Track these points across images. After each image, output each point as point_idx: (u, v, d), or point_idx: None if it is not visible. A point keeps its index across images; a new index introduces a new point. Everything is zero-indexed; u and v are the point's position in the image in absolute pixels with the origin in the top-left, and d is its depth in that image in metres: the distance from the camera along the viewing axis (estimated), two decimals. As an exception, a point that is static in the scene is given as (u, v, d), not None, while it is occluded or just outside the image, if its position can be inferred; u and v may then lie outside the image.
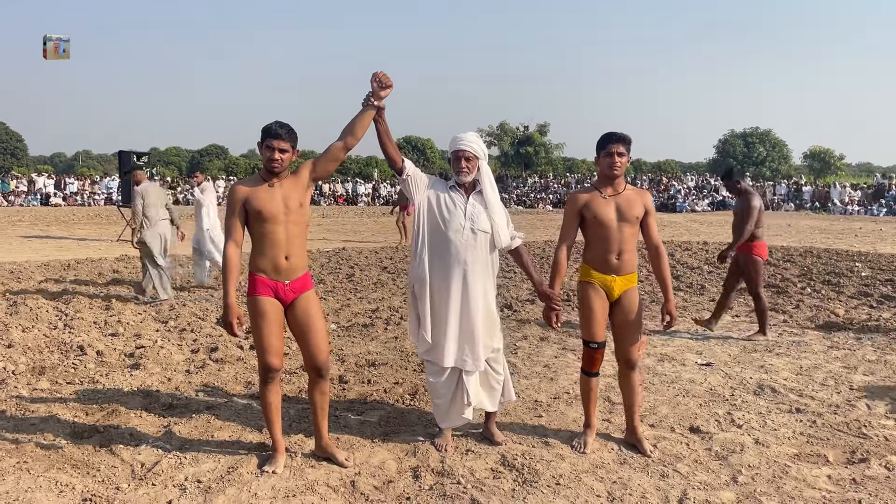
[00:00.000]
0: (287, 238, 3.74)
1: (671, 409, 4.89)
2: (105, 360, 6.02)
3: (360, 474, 3.77)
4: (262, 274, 3.75)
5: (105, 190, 38.10)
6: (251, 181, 3.79)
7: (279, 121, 3.76)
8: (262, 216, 3.69)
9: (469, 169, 4.09)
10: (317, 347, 3.85)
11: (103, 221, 24.25)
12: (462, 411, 4.18)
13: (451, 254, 4.05)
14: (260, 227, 3.73)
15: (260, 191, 3.73)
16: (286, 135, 3.72)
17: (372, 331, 7.31)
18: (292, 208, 3.75)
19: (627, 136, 4.11)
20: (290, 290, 3.79)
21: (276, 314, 3.76)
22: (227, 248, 3.72)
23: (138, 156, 17.90)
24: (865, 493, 3.60)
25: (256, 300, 3.73)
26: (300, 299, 3.83)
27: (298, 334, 3.87)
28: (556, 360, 6.24)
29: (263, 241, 3.74)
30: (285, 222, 3.73)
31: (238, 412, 4.71)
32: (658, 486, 3.69)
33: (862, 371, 5.86)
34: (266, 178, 3.77)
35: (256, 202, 3.70)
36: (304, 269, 3.87)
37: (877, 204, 34.11)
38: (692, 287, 10.37)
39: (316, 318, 3.86)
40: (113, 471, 3.74)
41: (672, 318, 4.14)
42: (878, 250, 15.69)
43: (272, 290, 3.76)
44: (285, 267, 3.76)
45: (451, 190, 4.16)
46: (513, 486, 3.67)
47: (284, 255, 3.74)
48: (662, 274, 4.18)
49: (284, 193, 3.75)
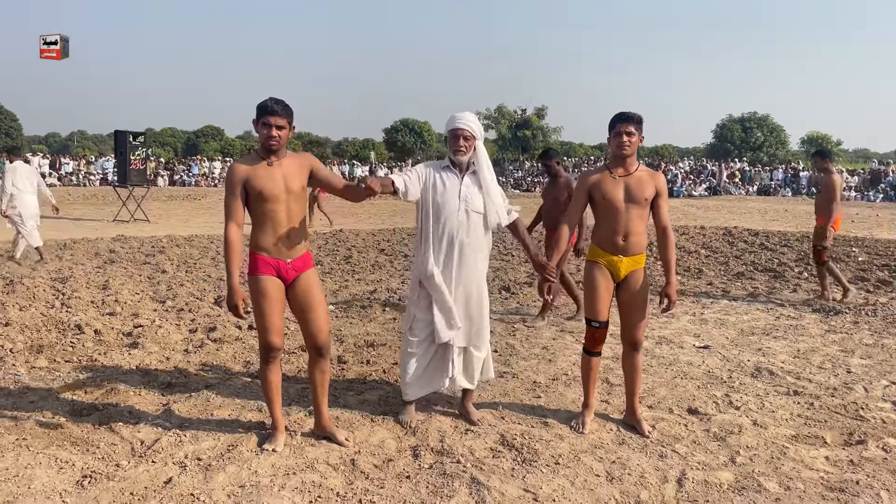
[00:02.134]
0: (288, 216, 3.73)
1: (669, 391, 4.90)
2: (103, 338, 6.01)
3: (360, 453, 3.77)
4: (263, 253, 3.73)
5: (101, 170, 37.89)
6: (249, 160, 3.75)
7: (274, 97, 3.71)
8: (263, 196, 3.66)
9: (466, 148, 4.09)
10: (318, 326, 3.84)
11: (99, 202, 24.16)
12: (438, 380, 4.24)
13: (448, 236, 4.07)
14: (261, 207, 3.70)
15: (259, 170, 3.69)
16: (282, 111, 3.68)
17: (370, 312, 7.31)
18: (293, 189, 3.73)
19: (637, 115, 4.07)
20: (291, 269, 3.78)
21: (277, 293, 3.75)
22: (228, 229, 3.69)
23: (134, 136, 17.80)
24: (863, 475, 3.62)
25: (258, 279, 3.72)
26: (301, 278, 3.82)
27: (299, 313, 3.86)
28: (555, 341, 6.25)
29: (265, 221, 3.72)
30: (286, 201, 3.71)
31: (237, 391, 4.71)
32: (657, 466, 3.71)
33: (859, 354, 5.88)
34: (264, 156, 3.73)
35: (257, 182, 3.66)
36: (305, 247, 3.86)
37: (873, 190, 34.13)
38: (689, 271, 10.38)
39: (317, 297, 3.85)
40: (113, 448, 3.74)
41: (671, 302, 4.13)
42: (875, 236, 15.71)
43: (274, 269, 3.74)
44: (287, 245, 3.74)
45: (446, 171, 4.15)
46: (512, 465, 3.68)
47: (287, 233, 3.73)
48: (667, 256, 4.16)
49: (285, 172, 3.72)
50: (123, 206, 17.58)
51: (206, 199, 27.70)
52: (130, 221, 16.89)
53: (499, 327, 6.70)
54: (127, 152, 17.46)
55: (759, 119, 60.94)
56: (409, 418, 4.18)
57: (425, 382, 4.26)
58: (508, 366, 5.47)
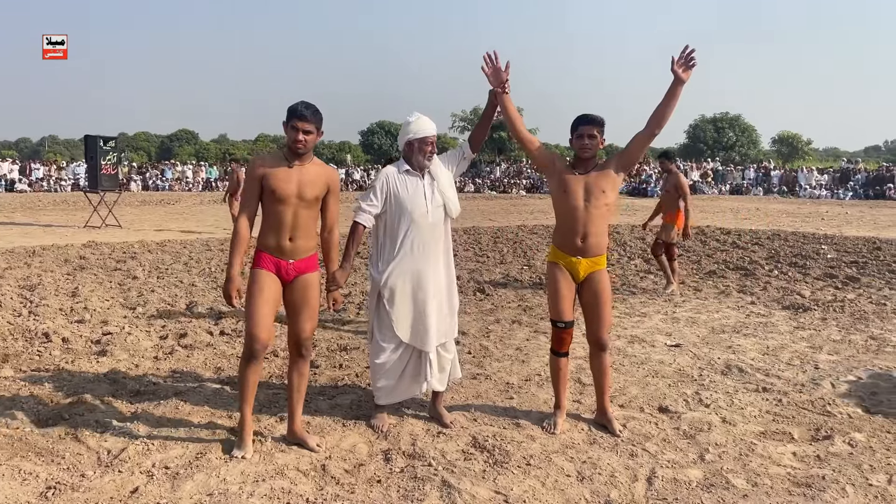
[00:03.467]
0: (294, 220, 3.75)
1: (641, 390, 4.94)
2: (71, 347, 5.91)
3: (330, 458, 3.75)
4: (266, 251, 3.78)
5: (72, 175, 37.36)
6: (273, 158, 3.80)
7: (305, 101, 3.73)
8: (275, 196, 3.70)
9: (434, 152, 4.16)
10: (303, 323, 3.86)
11: (70, 207, 23.80)
12: (415, 388, 4.24)
13: (419, 239, 4.09)
14: (270, 206, 3.75)
15: (279, 170, 3.73)
16: (312, 116, 3.70)
17: (343, 315, 7.28)
18: (306, 196, 3.75)
19: (599, 117, 4.10)
20: (292, 269, 3.81)
21: (273, 290, 3.77)
22: (238, 220, 3.77)
23: (105, 140, 17.57)
24: (829, 469, 3.67)
25: (257, 273, 3.77)
26: (301, 278, 3.84)
27: (290, 309, 3.88)
28: (528, 342, 6.27)
29: (271, 220, 3.76)
30: (296, 205, 3.74)
31: (207, 398, 4.66)
32: (627, 465, 3.73)
33: (827, 351, 5.97)
34: (289, 157, 3.77)
35: (272, 181, 3.71)
36: (310, 250, 3.87)
37: (843, 188, 34.74)
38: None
39: (312, 298, 3.88)
40: (78, 458, 3.68)
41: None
42: (844, 233, 15.98)
43: (274, 267, 3.78)
44: (289, 247, 3.77)
45: (406, 174, 4.17)
46: (483, 466, 3.68)
47: (288, 235, 3.76)
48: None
49: (302, 178, 3.75)
50: (95, 212, 17.35)
51: (179, 203, 27.42)
52: (102, 227, 16.67)
53: (473, 329, 6.71)
54: (97, 157, 17.22)
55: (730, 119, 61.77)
56: (380, 423, 4.17)
57: (402, 389, 4.25)
58: (482, 367, 5.47)
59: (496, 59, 4.17)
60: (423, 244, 4.10)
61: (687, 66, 3.94)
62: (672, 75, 3.96)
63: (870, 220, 20.11)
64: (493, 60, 4.17)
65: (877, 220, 20.06)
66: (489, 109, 4.32)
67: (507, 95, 4.19)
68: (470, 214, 21.99)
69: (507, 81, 4.17)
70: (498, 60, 4.17)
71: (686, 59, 3.94)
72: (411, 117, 4.20)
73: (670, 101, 3.99)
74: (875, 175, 35.88)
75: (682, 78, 3.94)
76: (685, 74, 3.94)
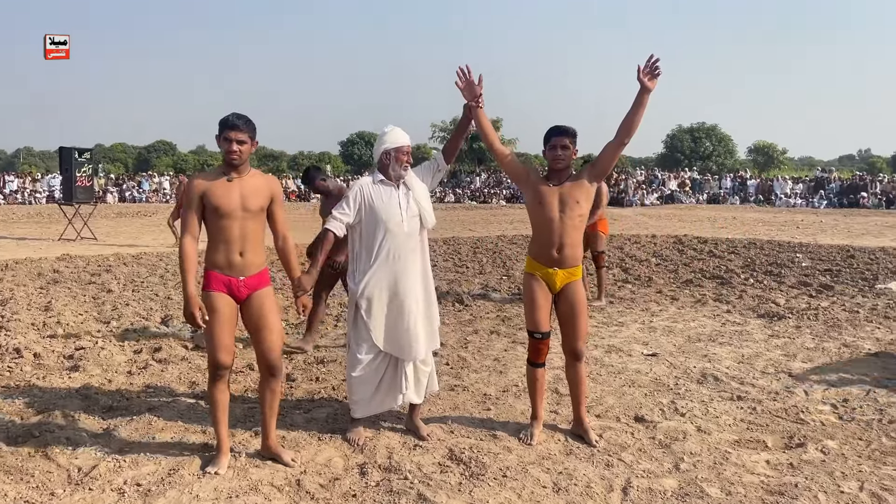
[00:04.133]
0: (242, 235, 3.70)
1: (617, 400, 4.95)
2: (42, 362, 5.82)
3: (305, 473, 3.72)
4: (216, 269, 3.72)
5: (47, 188, 36.89)
6: (211, 175, 3.75)
7: (236, 112, 3.70)
8: (219, 211, 3.65)
9: (410, 162, 4.19)
10: (270, 345, 3.80)
11: (44, 220, 23.48)
12: (392, 400, 4.22)
13: (395, 248, 4.09)
14: (215, 223, 3.69)
15: (218, 185, 3.68)
16: (244, 125, 3.67)
17: (321, 328, 7.23)
18: (250, 208, 3.71)
19: (571, 128, 4.14)
20: (244, 287, 3.74)
21: (228, 311, 3.71)
22: (183, 241, 3.69)
23: (80, 152, 17.39)
24: (802, 477, 3.71)
25: (209, 296, 3.69)
26: (255, 296, 3.78)
27: (252, 331, 3.82)
28: (506, 353, 6.28)
29: (218, 237, 3.71)
30: (241, 218, 3.69)
31: (181, 413, 4.61)
32: (603, 475, 3.74)
33: (801, 358, 6.04)
34: (226, 171, 3.73)
35: (213, 197, 3.65)
36: (260, 265, 3.82)
37: (817, 196, 35.22)
38: (640, 279, 10.54)
39: (270, 315, 3.81)
40: (48, 476, 3.62)
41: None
42: (819, 241, 16.20)
43: (226, 286, 3.71)
44: (239, 263, 3.72)
45: (381, 185, 4.19)
46: (460, 479, 3.67)
47: (238, 251, 3.71)
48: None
49: (244, 190, 3.71)
50: (70, 225, 17.14)
51: (156, 215, 27.16)
52: (77, 240, 16.46)
53: (451, 340, 6.70)
54: (72, 169, 17.03)
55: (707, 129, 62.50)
56: (356, 436, 4.14)
57: (378, 402, 4.23)
58: (459, 378, 5.46)
59: (469, 73, 4.19)
60: (399, 254, 4.10)
61: (652, 74, 3.99)
62: (639, 84, 4.01)
63: (844, 229, 20.40)
64: (466, 74, 4.19)
65: (850, 229, 20.36)
66: (463, 122, 4.34)
67: (481, 109, 4.22)
68: (450, 224, 22.02)
69: (480, 95, 4.19)
70: (471, 74, 4.19)
71: (651, 68, 3.99)
72: (386, 129, 4.25)
73: (638, 110, 4.03)
74: (849, 184, 36.45)
75: (648, 86, 3.99)
76: (651, 83, 3.99)
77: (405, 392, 4.20)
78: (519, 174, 4.27)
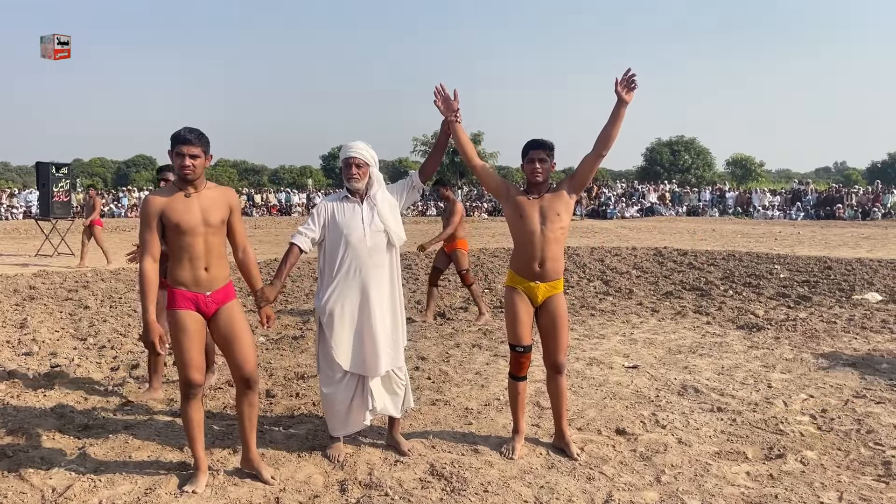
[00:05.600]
0: (206, 249, 3.66)
1: (598, 412, 4.95)
2: (17, 380, 5.72)
3: (284, 490, 3.68)
4: (181, 287, 3.65)
5: (24, 203, 36.45)
6: (166, 191, 3.68)
7: (188, 126, 3.66)
8: (181, 228, 3.59)
9: (360, 175, 4.14)
10: (243, 358, 3.75)
11: (21, 236, 23.20)
12: (362, 417, 4.18)
13: (357, 263, 4.07)
14: (178, 240, 3.62)
15: (176, 202, 3.62)
16: (196, 139, 3.62)
17: (302, 343, 7.19)
18: (212, 222, 3.67)
19: (549, 142, 4.16)
20: (211, 302, 3.70)
21: (197, 328, 3.65)
22: (143, 263, 3.58)
23: (57, 167, 17.20)
24: (781, 489, 3.72)
25: (176, 314, 3.62)
26: (223, 310, 3.74)
27: (224, 345, 3.77)
28: (488, 366, 6.26)
29: (182, 254, 3.63)
30: (204, 233, 3.64)
31: (158, 431, 4.54)
32: (584, 488, 3.73)
33: (780, 369, 6.08)
34: (181, 186, 3.67)
35: (173, 214, 3.59)
36: (225, 279, 3.78)
37: (794, 208, 35.65)
38: (621, 291, 10.58)
39: (240, 328, 3.77)
40: (21, 497, 3.55)
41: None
42: (796, 252, 16.38)
43: (193, 303, 3.66)
44: (205, 278, 3.67)
45: (345, 200, 4.19)
46: (441, 495, 3.64)
47: (204, 266, 3.66)
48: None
49: (203, 205, 3.66)
50: (46, 240, 16.93)
51: (135, 230, 26.89)
52: (54, 256, 16.26)
53: (432, 354, 6.68)
54: (49, 184, 16.83)
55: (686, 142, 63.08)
56: (336, 452, 4.10)
57: (351, 421, 4.19)
58: (441, 393, 5.44)
59: (444, 90, 4.21)
60: (362, 268, 4.07)
61: (629, 87, 4.03)
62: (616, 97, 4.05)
63: (821, 240, 20.65)
64: (442, 91, 4.21)
65: (827, 240, 20.61)
66: (442, 138, 4.34)
67: (460, 124, 4.23)
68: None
69: (458, 110, 4.21)
70: (446, 90, 4.21)
71: (627, 81, 4.03)
72: (349, 143, 4.20)
73: (615, 122, 4.07)
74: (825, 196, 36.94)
75: (625, 99, 4.03)
76: (628, 96, 4.03)
77: (371, 408, 4.16)
78: (498, 188, 4.28)
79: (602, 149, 4.09)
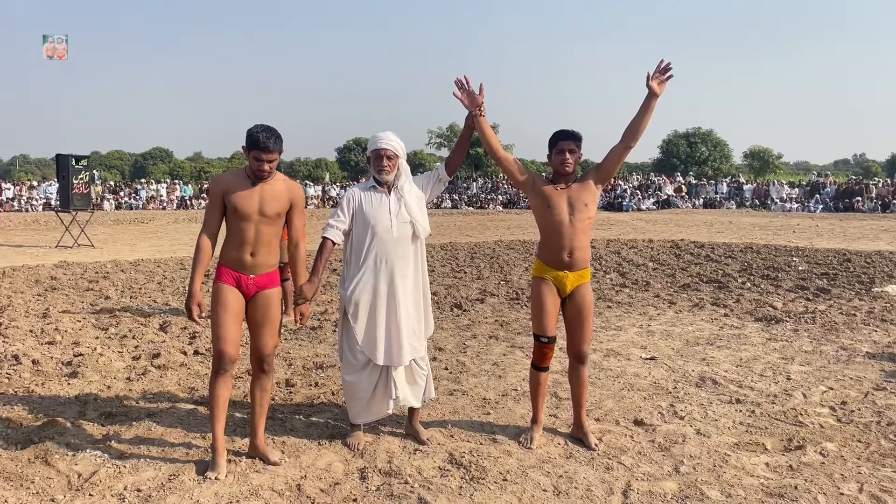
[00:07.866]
0: (255, 237, 3.80)
1: (616, 403, 4.96)
2: (41, 369, 5.81)
3: (305, 477, 3.72)
4: (226, 265, 3.82)
5: (44, 195, 36.85)
6: (235, 175, 3.85)
7: (266, 129, 3.72)
8: (237, 213, 3.75)
9: (390, 168, 4.16)
10: (264, 339, 3.89)
11: (41, 227, 23.47)
12: (385, 406, 4.22)
13: (383, 253, 4.10)
14: (232, 222, 3.80)
15: (240, 187, 3.79)
16: (274, 146, 3.72)
17: (320, 333, 7.24)
18: (267, 213, 3.79)
19: (577, 133, 4.16)
20: (252, 284, 3.83)
21: (235, 304, 3.79)
22: (201, 237, 3.79)
23: (77, 159, 17.38)
24: (801, 479, 3.71)
25: (219, 287, 3.80)
26: (262, 294, 3.87)
27: (252, 325, 3.91)
28: (505, 357, 6.28)
29: (233, 235, 3.81)
30: (257, 222, 3.78)
31: (181, 419, 4.61)
32: (603, 478, 3.74)
33: (798, 361, 6.05)
34: (249, 174, 3.81)
35: (234, 199, 3.76)
36: (270, 266, 3.90)
37: (813, 201, 35.31)
38: (637, 283, 10.55)
39: (272, 314, 3.90)
40: (48, 482, 3.61)
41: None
42: (815, 245, 16.24)
43: (235, 281, 3.80)
44: (249, 262, 3.81)
45: (372, 191, 4.20)
46: (460, 483, 3.67)
47: (250, 251, 3.81)
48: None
49: (264, 195, 3.79)
50: (66, 232, 17.12)
51: (153, 222, 27.16)
52: (74, 247, 16.44)
53: (450, 345, 6.71)
54: (69, 176, 17.02)
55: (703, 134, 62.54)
56: (356, 441, 4.14)
57: (375, 409, 4.23)
58: (459, 383, 5.47)
59: (468, 83, 4.20)
60: (388, 259, 4.10)
61: (663, 78, 4.03)
62: (647, 90, 4.05)
63: (840, 233, 20.46)
64: (465, 85, 4.20)
65: (846, 233, 20.42)
66: (466, 132, 4.33)
67: (484, 118, 4.22)
68: (447, 230, 22.05)
69: (482, 104, 4.19)
70: (470, 84, 4.20)
71: (662, 71, 4.04)
72: (377, 133, 4.22)
73: (645, 115, 4.07)
74: (844, 188, 36.56)
75: (656, 91, 4.03)
76: (660, 88, 4.04)
77: (395, 397, 4.20)
78: (524, 180, 4.27)
79: (630, 140, 4.09)
